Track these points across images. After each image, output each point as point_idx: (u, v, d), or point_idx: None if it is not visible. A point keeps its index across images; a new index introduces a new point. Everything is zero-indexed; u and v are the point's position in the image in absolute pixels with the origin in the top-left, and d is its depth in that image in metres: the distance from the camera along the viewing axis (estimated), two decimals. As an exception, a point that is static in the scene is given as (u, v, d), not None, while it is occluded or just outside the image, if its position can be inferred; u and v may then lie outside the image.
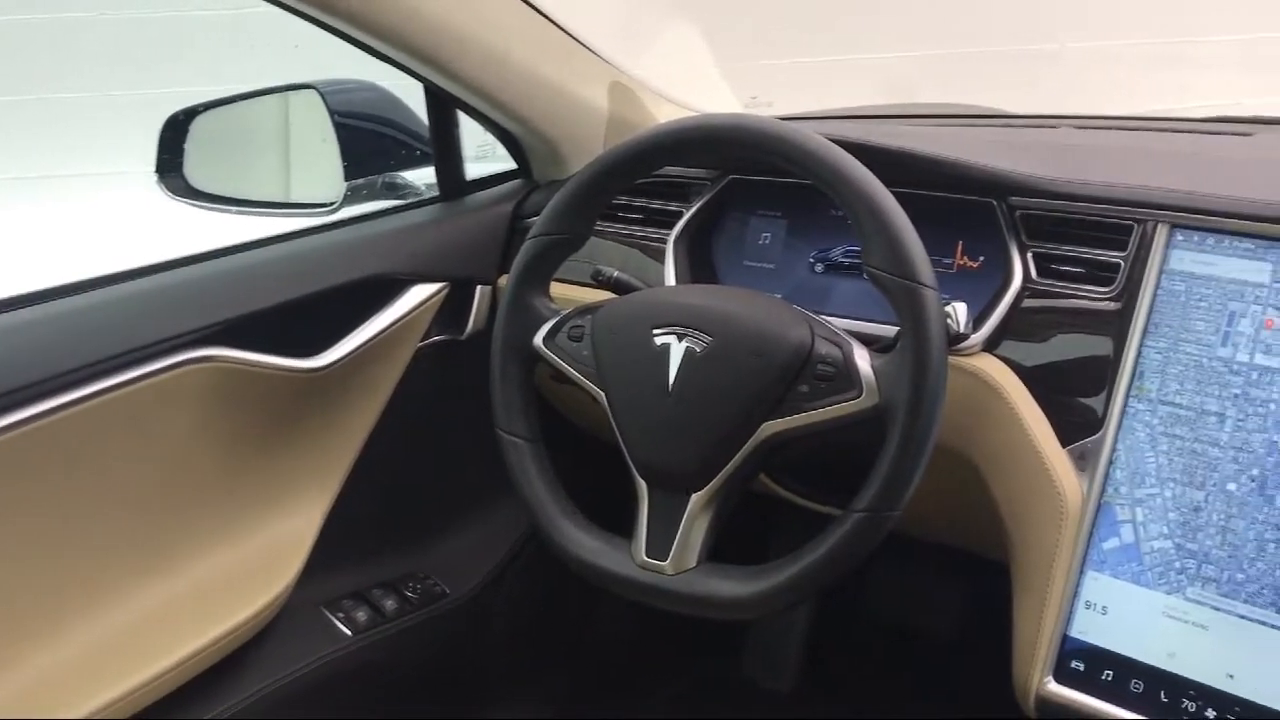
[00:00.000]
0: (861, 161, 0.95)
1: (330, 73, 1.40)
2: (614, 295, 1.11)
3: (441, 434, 1.44)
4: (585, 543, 1.02)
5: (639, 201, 1.33)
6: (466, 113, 1.35)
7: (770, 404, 0.94)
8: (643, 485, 1.00)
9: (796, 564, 0.93)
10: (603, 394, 1.02)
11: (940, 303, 0.91)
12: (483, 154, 1.51)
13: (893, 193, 0.94)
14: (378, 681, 1.34)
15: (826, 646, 1.70)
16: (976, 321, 1.05)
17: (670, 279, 1.23)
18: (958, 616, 1.61)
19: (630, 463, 1.00)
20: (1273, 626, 0.90)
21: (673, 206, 1.30)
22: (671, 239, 1.26)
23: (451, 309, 1.38)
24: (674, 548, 0.97)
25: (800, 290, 1.21)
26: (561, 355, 1.05)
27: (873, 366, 0.93)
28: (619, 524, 1.03)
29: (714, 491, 0.96)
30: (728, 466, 0.96)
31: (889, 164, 1.04)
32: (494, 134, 1.39)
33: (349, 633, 1.33)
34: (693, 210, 1.26)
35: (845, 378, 0.93)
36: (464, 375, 1.28)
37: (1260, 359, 0.93)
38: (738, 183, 1.26)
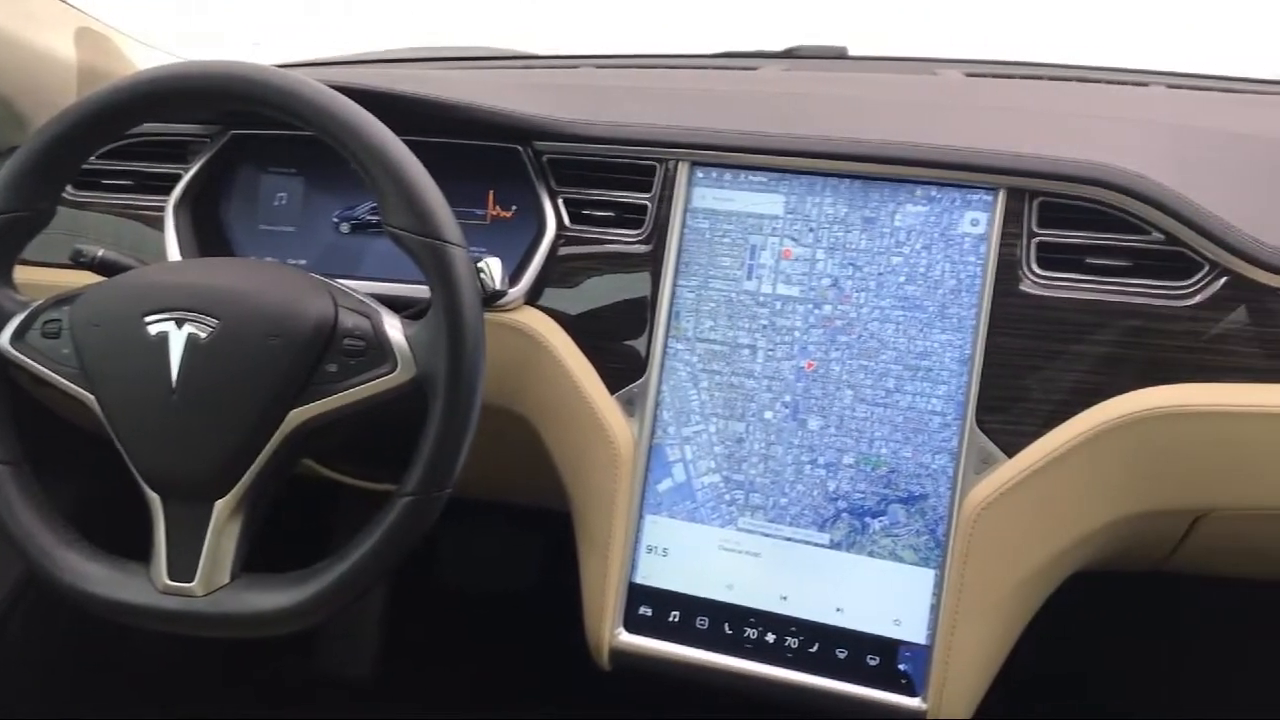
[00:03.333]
0: (370, 110, 0.86)
1: None
2: (101, 278, 0.95)
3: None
4: (92, 573, 0.87)
5: (127, 165, 1.15)
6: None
7: (295, 389, 0.84)
8: (155, 499, 0.86)
9: (344, 562, 0.84)
10: (92, 397, 0.86)
11: (470, 260, 0.85)
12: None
13: (411, 142, 0.86)
14: None
15: (406, 623, 1.63)
16: (515, 274, 1.01)
17: (173, 253, 1.08)
18: (535, 574, 1.60)
19: (136, 474, 0.86)
20: (816, 545, 0.94)
21: (169, 169, 1.13)
22: (170, 206, 1.10)
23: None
24: (201, 565, 0.85)
25: (327, 254, 1.10)
26: (35, 356, 0.88)
27: (406, 336, 0.85)
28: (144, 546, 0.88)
29: (241, 495, 0.85)
30: (253, 466, 0.84)
31: (403, 112, 0.96)
32: (-75, 92, 1.14)
33: None
34: (192, 172, 1.11)
35: (377, 351, 0.84)
36: None
37: (782, 289, 0.96)
38: (242, 138, 1.12)
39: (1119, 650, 1.46)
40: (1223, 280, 0.88)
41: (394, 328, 0.85)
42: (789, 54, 1.34)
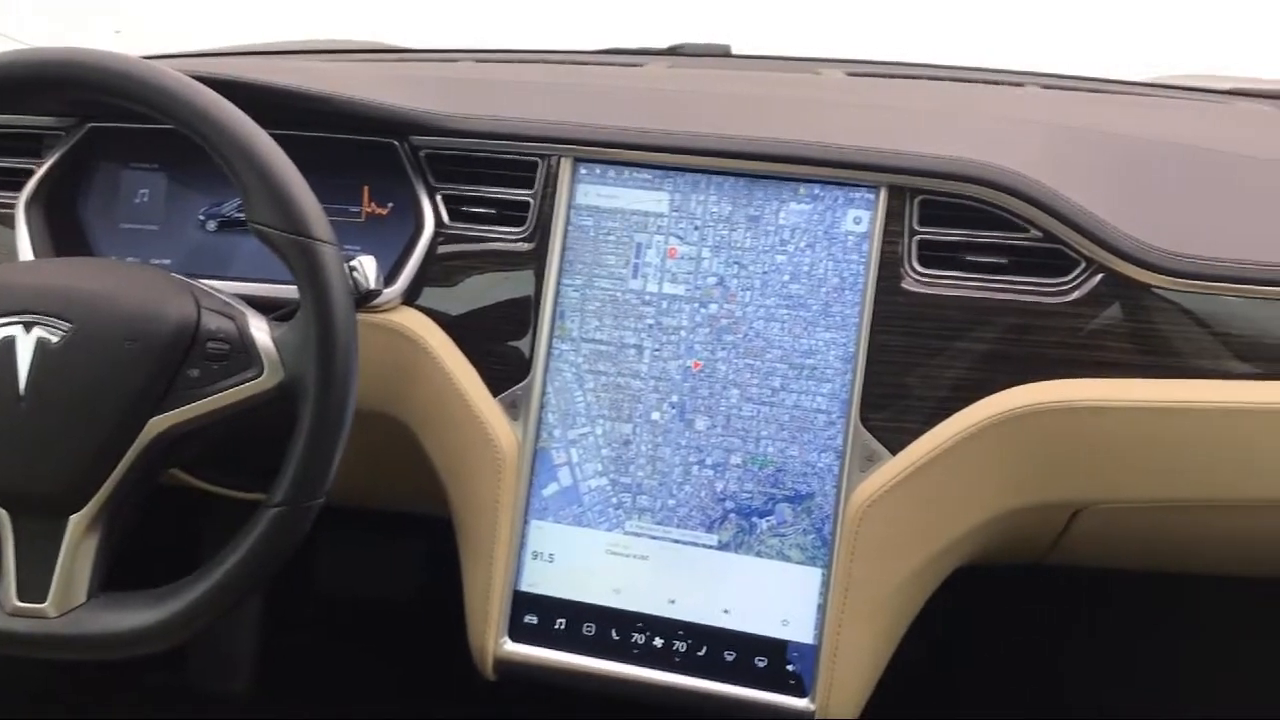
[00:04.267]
0: (235, 102, 0.82)
1: None
2: None
3: None
4: None
5: (-27, 159, 1.08)
6: None
7: (155, 396, 0.79)
8: (3, 514, 0.80)
9: (209, 579, 0.79)
10: None
11: (340, 258, 0.81)
12: None
13: (281, 136, 0.83)
14: None
15: (285, 634, 1.57)
16: (391, 273, 0.97)
17: (25, 252, 1.01)
18: (418, 582, 1.55)
19: None
20: (705, 546, 0.93)
21: (20, 163, 1.07)
22: (22, 203, 1.03)
23: None
24: (54, 584, 0.80)
25: (193, 254, 1.05)
26: None
27: (273, 338, 0.81)
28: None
29: (99, 509, 0.80)
30: (111, 478, 0.79)
31: (271, 104, 0.92)
32: None
33: None
34: (46, 166, 1.05)
35: (242, 355, 0.80)
36: None
37: (668, 288, 0.94)
38: (101, 131, 1.06)
39: (1002, 645, 1.49)
40: (1099, 277, 0.89)
41: (260, 330, 0.82)
42: (673, 51, 1.33)
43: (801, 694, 0.91)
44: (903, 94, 1.17)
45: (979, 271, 0.91)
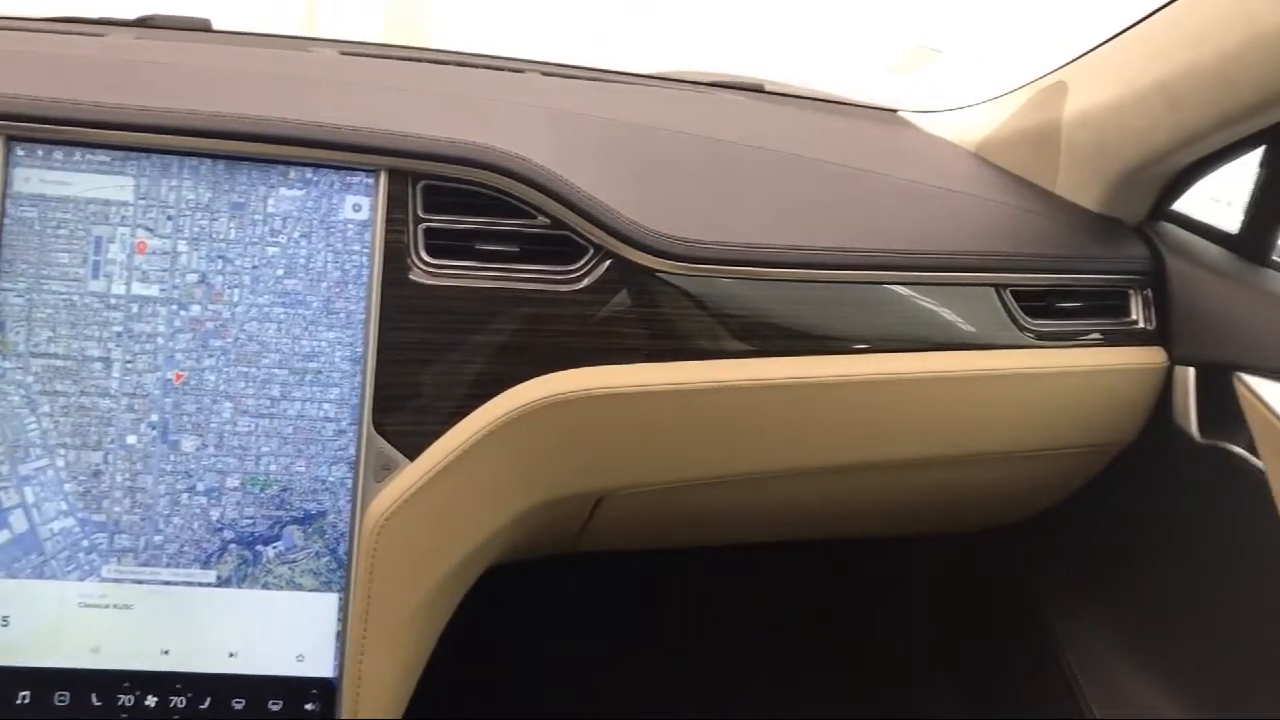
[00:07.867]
0: None
1: None
2: None
3: None
4: None
5: None
6: None
7: None
8: None
9: None
10: None
11: None
12: None
13: None
14: None
15: None
16: None
17: None
18: None
19: None
20: (202, 584, 0.81)
21: None
22: None
23: None
24: None
25: None
26: None
27: None
28: None
29: None
30: None
31: None
32: None
33: None
34: None
35: None
36: None
37: (138, 288, 0.81)
38: None
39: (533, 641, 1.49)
40: (607, 263, 0.88)
41: None
42: (142, 23, 1.16)
43: (325, 732, 0.82)
44: (402, 75, 1.10)
45: (491, 261, 0.87)
